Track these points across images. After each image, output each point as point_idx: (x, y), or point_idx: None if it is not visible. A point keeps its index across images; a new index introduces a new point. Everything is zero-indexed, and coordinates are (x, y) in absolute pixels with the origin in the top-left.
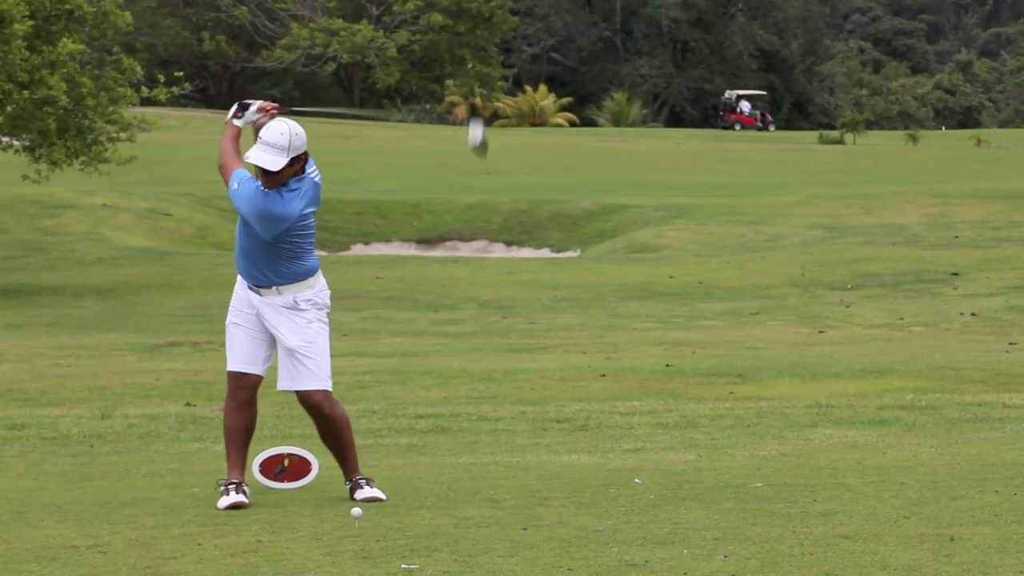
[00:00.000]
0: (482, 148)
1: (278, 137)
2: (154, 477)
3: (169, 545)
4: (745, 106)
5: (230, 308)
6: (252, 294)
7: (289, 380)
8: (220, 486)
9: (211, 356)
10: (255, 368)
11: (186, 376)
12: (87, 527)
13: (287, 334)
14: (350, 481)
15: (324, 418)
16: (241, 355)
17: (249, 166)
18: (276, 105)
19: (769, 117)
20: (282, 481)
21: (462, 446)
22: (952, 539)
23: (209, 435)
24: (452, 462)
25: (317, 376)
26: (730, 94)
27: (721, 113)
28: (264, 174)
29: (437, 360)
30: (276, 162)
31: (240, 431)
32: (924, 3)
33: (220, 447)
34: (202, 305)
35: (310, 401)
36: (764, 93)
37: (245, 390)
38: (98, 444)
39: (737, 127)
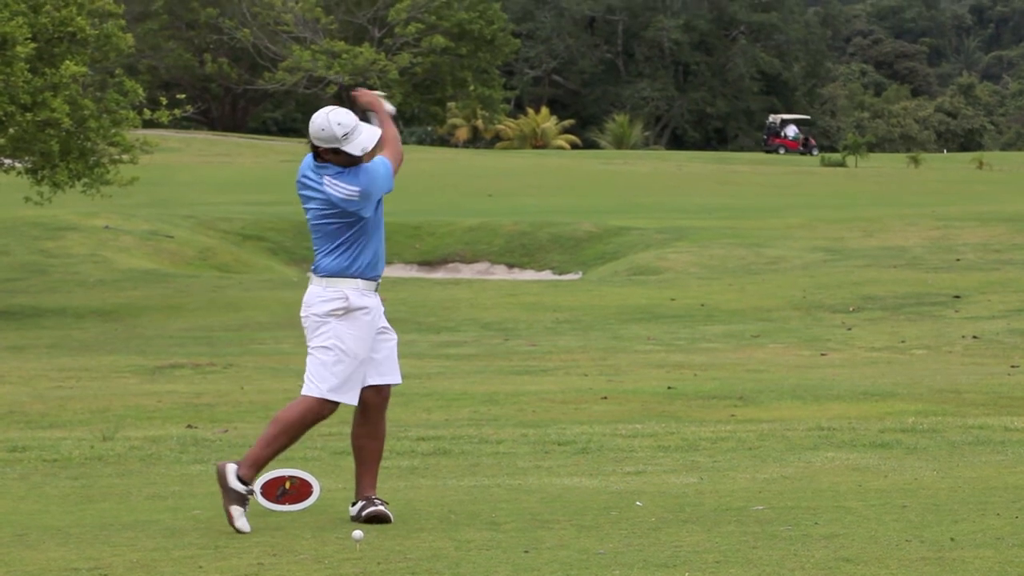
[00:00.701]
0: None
1: (320, 132)
2: (155, 499)
3: (170, 568)
4: (791, 130)
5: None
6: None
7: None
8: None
9: (213, 378)
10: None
11: (188, 398)
12: (88, 550)
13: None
14: (365, 499)
15: (381, 418)
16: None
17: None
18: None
19: (812, 141)
20: (284, 503)
21: (464, 469)
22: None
23: (210, 457)
24: (454, 485)
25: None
26: (774, 118)
27: (765, 137)
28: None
29: (439, 382)
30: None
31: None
32: (926, 26)
33: None
34: (204, 327)
35: (387, 393)
36: (808, 117)
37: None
38: (99, 466)
39: (781, 151)
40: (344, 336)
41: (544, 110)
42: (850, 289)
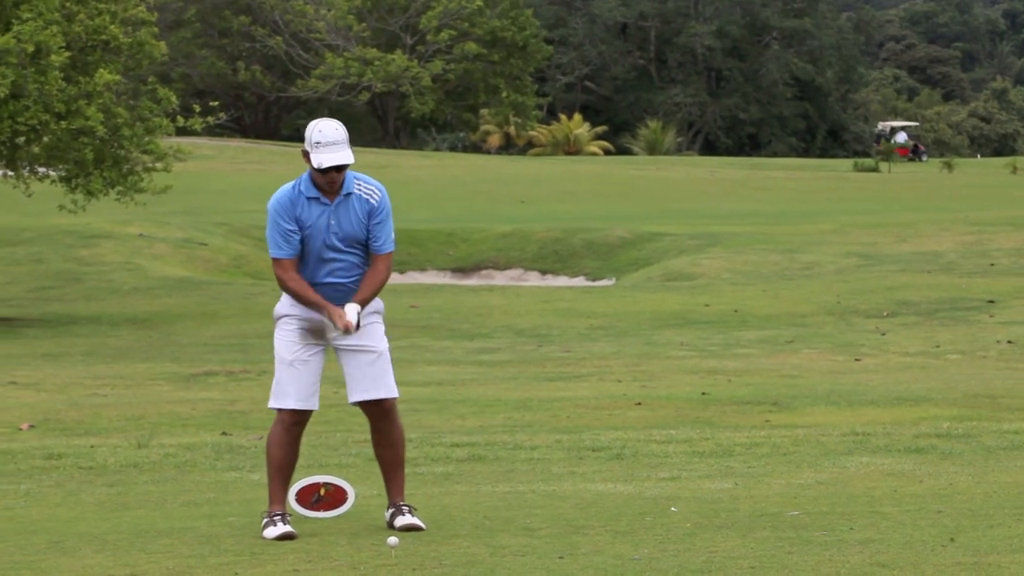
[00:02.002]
0: None
1: (334, 132)
2: (191, 506)
3: (206, 574)
4: (901, 137)
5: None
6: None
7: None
8: (266, 517)
9: (247, 385)
10: (314, 403)
11: (222, 405)
12: (124, 556)
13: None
14: (393, 506)
15: (389, 427)
16: (303, 391)
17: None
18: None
19: (922, 147)
20: (318, 510)
21: (498, 475)
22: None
23: (245, 464)
24: (488, 491)
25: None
26: (883, 125)
27: (875, 144)
28: (335, 172)
29: (473, 389)
30: (348, 155)
31: (292, 464)
32: (959, 31)
33: (256, 476)
34: (238, 335)
35: (385, 406)
36: (916, 124)
37: (301, 425)
38: (135, 473)
39: (892, 158)
40: (275, 341)
41: (577, 116)
42: (884, 294)
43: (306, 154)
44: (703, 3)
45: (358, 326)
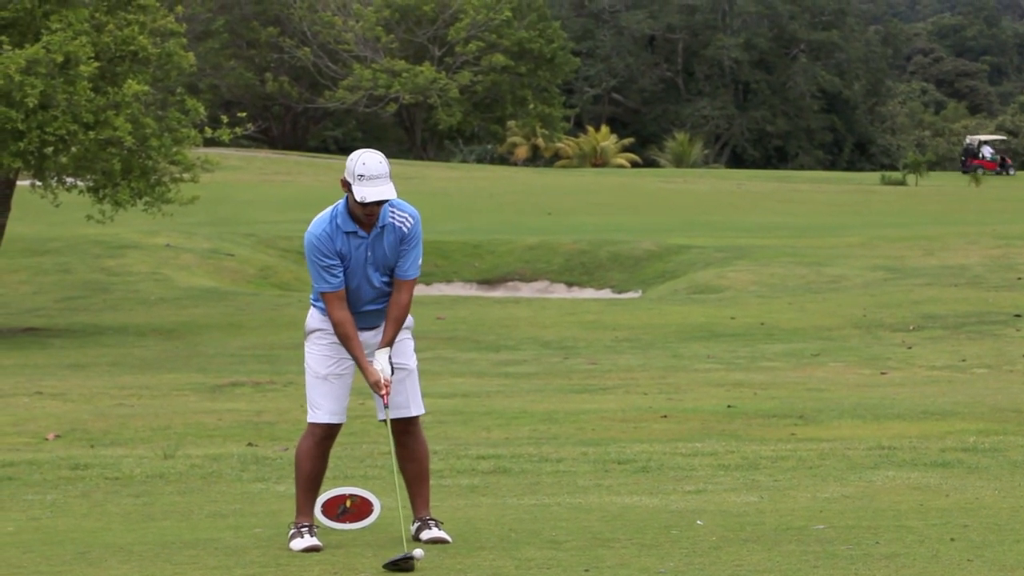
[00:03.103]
0: None
1: (378, 166)
2: (217, 518)
3: None
4: (987, 151)
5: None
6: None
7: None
8: (293, 528)
9: (273, 396)
10: (344, 416)
11: (248, 416)
12: (150, 568)
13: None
14: (419, 520)
15: (413, 441)
16: (335, 405)
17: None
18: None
19: (1009, 161)
20: (344, 522)
21: (524, 487)
22: None
23: (271, 475)
24: (514, 503)
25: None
26: (972, 139)
27: (963, 159)
28: (375, 206)
29: (498, 401)
30: (391, 189)
31: (321, 477)
32: (987, 44)
33: (283, 487)
34: (264, 345)
35: (407, 423)
36: (1004, 138)
37: (332, 438)
38: (161, 484)
39: (979, 171)
40: (307, 355)
41: (604, 128)
42: (910, 308)
43: (347, 184)
44: (731, 15)
45: (392, 372)
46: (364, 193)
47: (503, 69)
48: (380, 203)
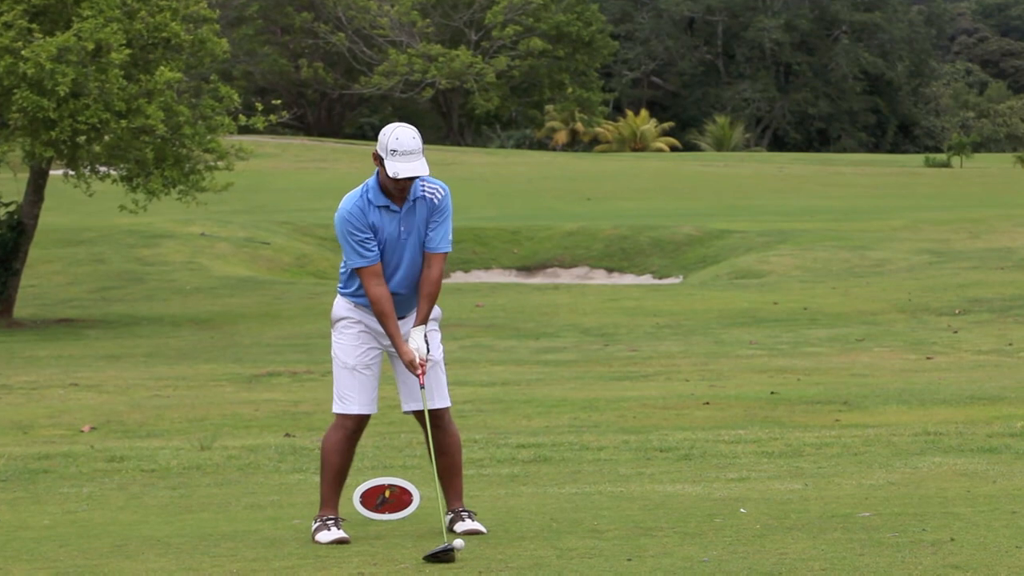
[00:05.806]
0: None
1: (411, 141)
2: (254, 509)
3: None
4: None
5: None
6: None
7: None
8: (318, 520)
9: (310, 386)
10: (376, 407)
11: (285, 407)
12: (188, 560)
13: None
14: (452, 511)
15: (442, 435)
16: (365, 396)
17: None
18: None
19: None
20: (383, 512)
21: (564, 476)
22: None
23: (309, 466)
24: (555, 492)
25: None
26: None
27: None
28: (406, 182)
29: (538, 389)
30: (423, 165)
31: (348, 469)
32: None
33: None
34: (301, 335)
35: (434, 415)
36: None
37: (362, 430)
38: (197, 476)
39: None
40: (334, 345)
41: (643, 112)
42: (956, 291)
43: (379, 158)
44: None
45: (428, 351)
46: (397, 168)
47: (541, 53)
48: (412, 179)
